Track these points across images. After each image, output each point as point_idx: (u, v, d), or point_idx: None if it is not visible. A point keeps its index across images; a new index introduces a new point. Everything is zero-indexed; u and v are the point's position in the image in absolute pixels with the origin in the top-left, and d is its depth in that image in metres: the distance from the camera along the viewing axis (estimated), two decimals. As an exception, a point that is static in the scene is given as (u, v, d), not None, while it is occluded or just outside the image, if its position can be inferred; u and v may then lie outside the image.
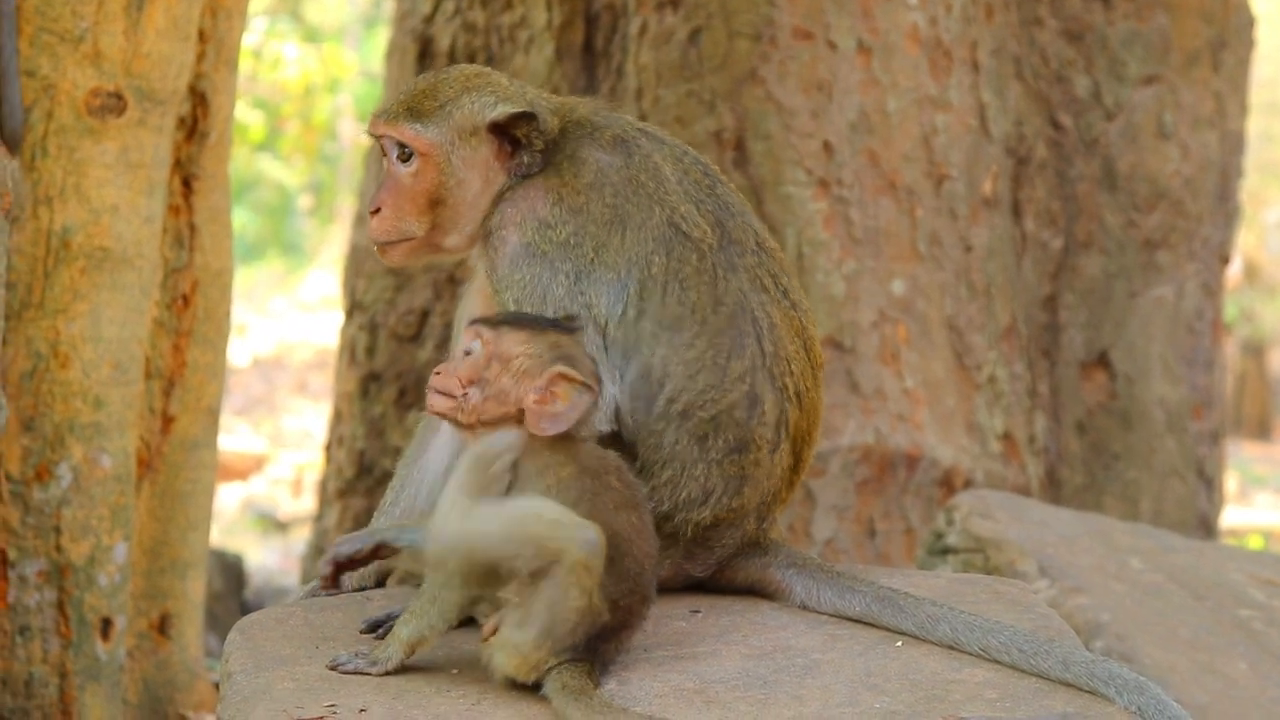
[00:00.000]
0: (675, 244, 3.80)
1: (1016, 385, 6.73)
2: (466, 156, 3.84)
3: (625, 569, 3.47)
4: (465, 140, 3.83)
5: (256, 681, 3.57)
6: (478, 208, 3.86)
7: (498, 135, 3.84)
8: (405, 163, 3.85)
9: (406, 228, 3.85)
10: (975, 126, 6.69)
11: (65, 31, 5.06)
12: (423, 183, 3.84)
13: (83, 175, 5.13)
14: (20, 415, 5.08)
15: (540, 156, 3.84)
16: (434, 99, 3.85)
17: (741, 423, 3.79)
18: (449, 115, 3.83)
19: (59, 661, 5.12)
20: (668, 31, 6.59)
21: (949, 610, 3.65)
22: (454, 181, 3.83)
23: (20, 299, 5.07)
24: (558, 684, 3.43)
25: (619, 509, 3.51)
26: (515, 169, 3.84)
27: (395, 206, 3.85)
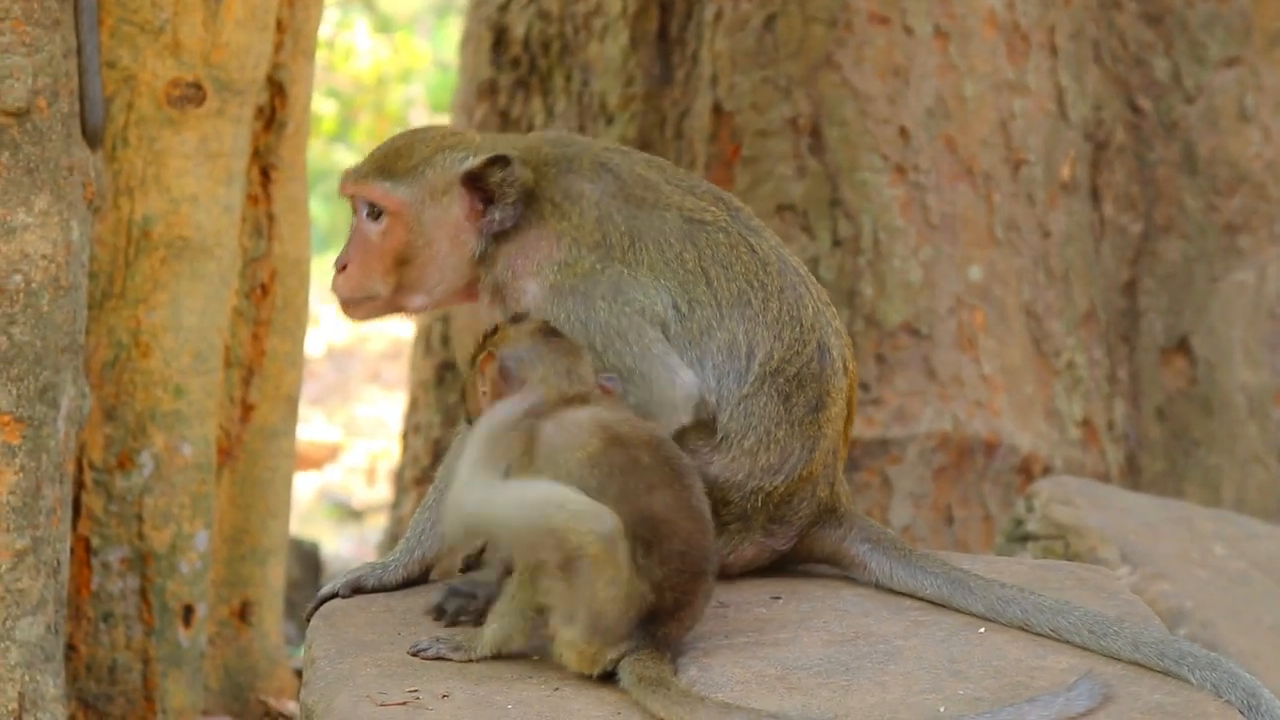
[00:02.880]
0: (698, 234, 3.80)
1: (1095, 371, 6.68)
2: (437, 216, 3.79)
3: (669, 550, 3.45)
4: (437, 199, 3.79)
5: (340, 667, 3.59)
6: (445, 269, 3.81)
7: (471, 190, 3.79)
8: (375, 221, 3.80)
9: (371, 286, 3.82)
10: (1053, 111, 6.65)
11: (145, 23, 5.09)
12: (391, 242, 3.79)
13: (163, 165, 5.16)
14: (102, 404, 5.12)
15: (514, 210, 3.78)
16: (407, 158, 3.81)
17: (818, 375, 3.81)
18: (421, 174, 3.79)
19: (142, 648, 5.16)
20: (743, 18, 6.57)
21: (1019, 592, 3.64)
22: (422, 241, 3.79)
23: (102, 289, 5.12)
24: (633, 675, 3.42)
25: (654, 488, 3.47)
26: (487, 227, 3.78)
27: (362, 264, 3.81)
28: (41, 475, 4.45)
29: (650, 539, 3.44)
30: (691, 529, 3.50)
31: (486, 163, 3.77)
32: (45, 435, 4.46)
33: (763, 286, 3.80)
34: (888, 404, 6.35)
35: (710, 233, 3.80)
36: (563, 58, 7.15)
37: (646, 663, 3.42)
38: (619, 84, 6.95)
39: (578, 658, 3.48)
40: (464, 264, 3.81)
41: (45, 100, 4.42)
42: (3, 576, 4.40)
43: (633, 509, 3.43)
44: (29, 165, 4.41)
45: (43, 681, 4.45)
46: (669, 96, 6.82)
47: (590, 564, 3.40)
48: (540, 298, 3.76)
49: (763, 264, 3.82)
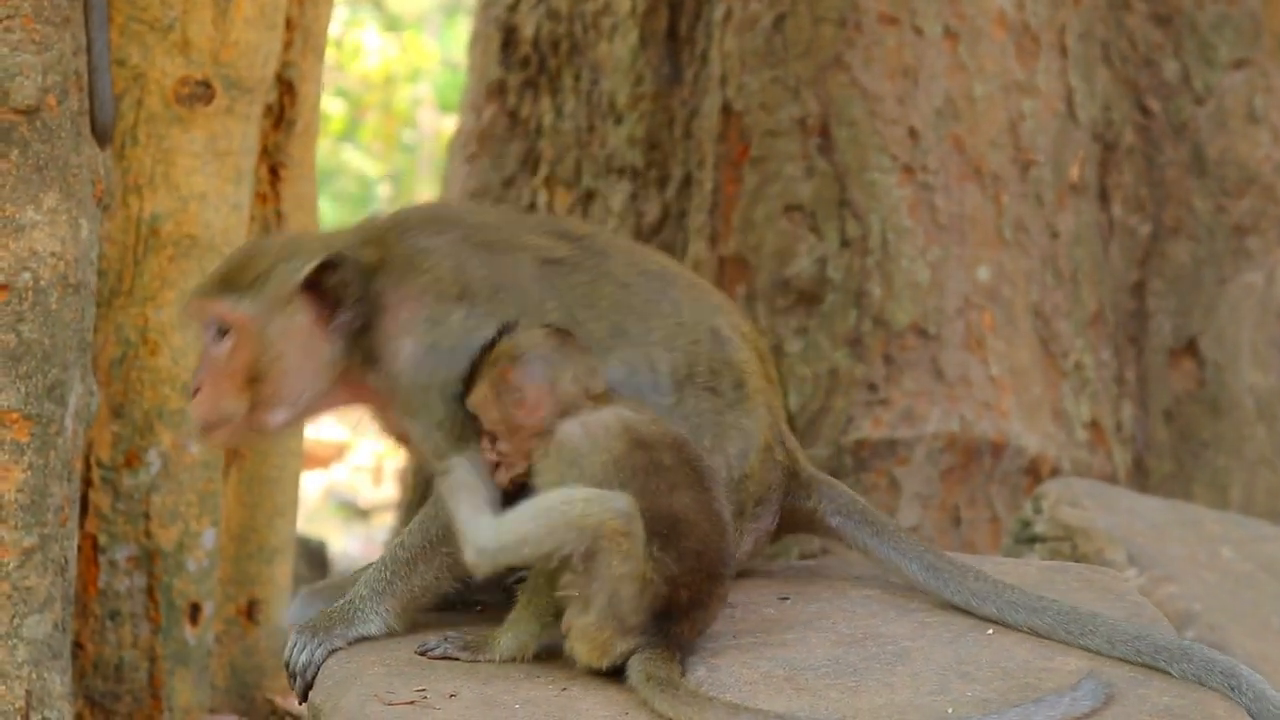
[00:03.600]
0: (556, 278, 3.76)
1: (1103, 372, 6.67)
2: (284, 327, 3.72)
3: (685, 548, 3.46)
4: (281, 311, 3.71)
5: (348, 667, 3.59)
6: (303, 380, 3.74)
7: (314, 296, 3.72)
8: (222, 340, 3.73)
9: (225, 408, 3.74)
10: (1062, 111, 6.64)
11: (155, 20, 5.09)
12: (240, 360, 3.71)
13: (171, 164, 5.16)
14: (110, 402, 5.13)
15: (360, 308, 3.71)
16: (248, 272, 3.74)
17: (728, 359, 3.80)
18: (263, 287, 3.72)
19: (149, 646, 5.17)
20: (752, 17, 6.57)
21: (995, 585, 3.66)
22: (272, 356, 3.72)
23: (110, 286, 5.12)
24: (641, 674, 3.42)
25: (675, 489, 3.49)
26: (337, 330, 3.72)
27: (213, 387, 3.73)
28: (49, 473, 4.45)
29: (668, 535, 3.46)
30: (710, 530, 3.51)
31: (320, 268, 3.69)
32: (53, 433, 4.46)
33: (634, 311, 3.77)
34: (895, 404, 6.34)
35: (566, 273, 3.76)
36: (572, 57, 7.15)
37: (656, 662, 3.43)
38: (628, 83, 6.95)
39: (589, 647, 3.47)
40: (323, 370, 3.74)
41: (55, 98, 4.42)
42: (10, 574, 4.40)
43: (653, 507, 3.45)
44: (38, 163, 4.41)
45: (50, 679, 4.45)
46: (678, 96, 6.82)
47: (608, 542, 3.41)
48: (414, 355, 3.69)
49: (625, 288, 3.79)
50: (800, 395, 6.40)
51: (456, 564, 3.61)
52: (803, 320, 6.44)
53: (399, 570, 3.67)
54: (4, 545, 4.39)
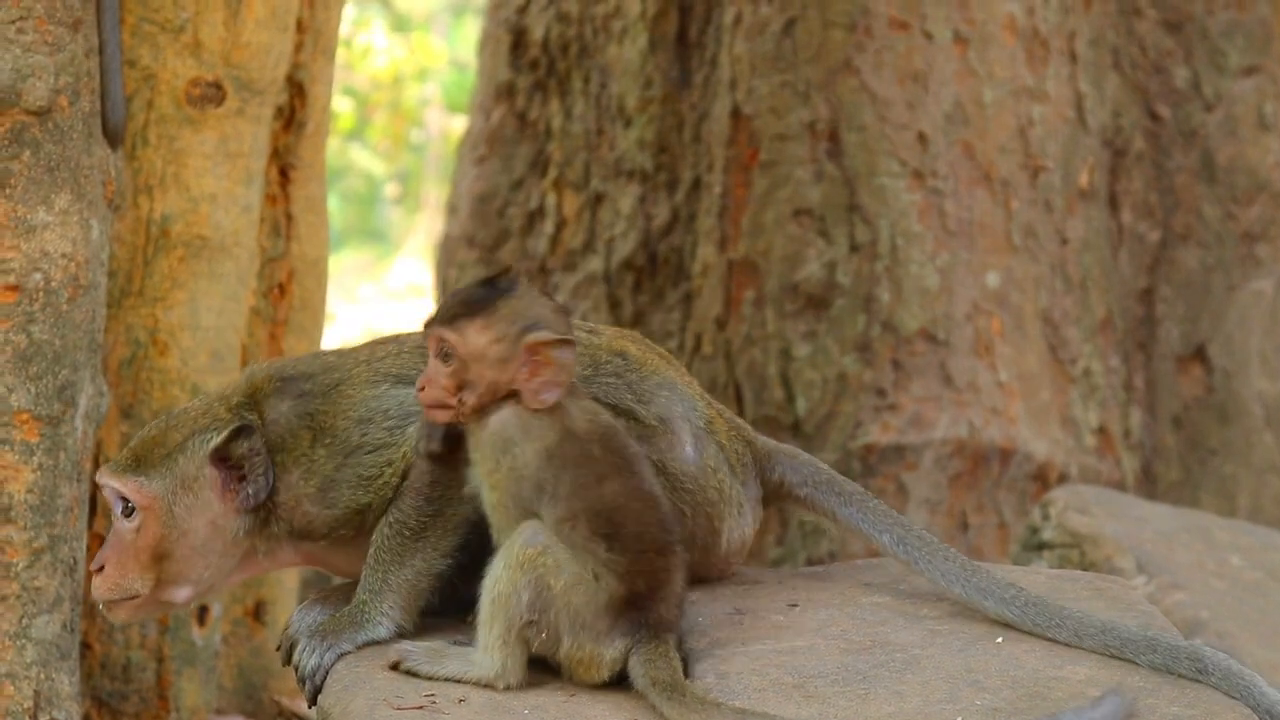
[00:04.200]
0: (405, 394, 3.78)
1: (1112, 379, 6.67)
2: (189, 504, 3.73)
3: (626, 536, 3.48)
4: (186, 488, 3.73)
5: (356, 670, 3.59)
6: (209, 556, 3.76)
7: (220, 468, 3.75)
8: (128, 517, 3.74)
9: (129, 585, 3.75)
10: (1072, 118, 6.64)
11: (166, 21, 5.09)
12: (145, 538, 3.73)
13: (182, 165, 5.16)
14: (119, 402, 5.13)
15: (265, 480, 3.73)
16: (161, 447, 3.76)
17: (599, 345, 3.84)
18: (173, 463, 3.74)
19: (156, 646, 5.16)
20: (762, 22, 6.56)
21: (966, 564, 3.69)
22: (177, 533, 3.73)
23: (120, 287, 5.12)
24: (646, 679, 3.43)
25: (603, 479, 3.52)
26: (244, 504, 3.75)
27: (118, 564, 3.74)
28: (59, 473, 4.45)
29: (608, 531, 3.48)
30: (642, 509, 3.52)
31: (229, 438, 3.72)
32: (63, 434, 4.46)
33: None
34: (904, 410, 6.34)
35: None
36: (581, 60, 7.15)
37: (657, 662, 3.43)
38: (637, 87, 6.94)
39: (580, 670, 3.49)
40: (229, 547, 3.77)
41: (67, 99, 4.42)
42: (20, 574, 4.41)
43: (586, 503, 3.48)
44: (50, 164, 4.41)
45: (58, 679, 4.46)
46: (687, 100, 6.82)
47: (534, 570, 3.45)
48: (314, 505, 3.74)
49: None
50: (808, 400, 6.40)
51: (440, 541, 3.66)
52: (811, 325, 6.44)
53: (390, 565, 3.68)
54: (13, 545, 4.39)
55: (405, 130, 16.49)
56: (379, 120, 16.35)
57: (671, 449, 3.77)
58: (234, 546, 3.78)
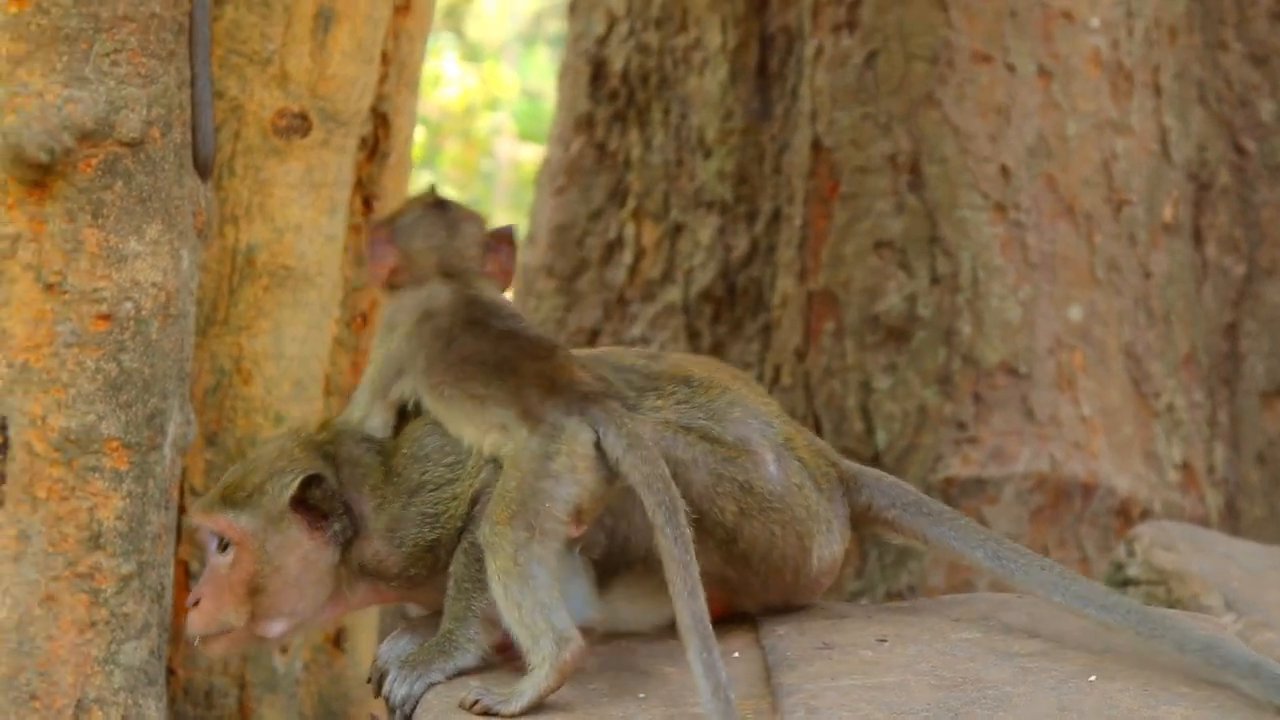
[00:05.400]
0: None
1: (1195, 414, 6.62)
2: (280, 542, 3.84)
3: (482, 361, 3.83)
4: (276, 525, 3.84)
5: (446, 700, 3.60)
6: (304, 590, 3.86)
7: (302, 511, 3.85)
8: (223, 553, 3.87)
9: (225, 620, 3.87)
10: (1156, 151, 6.60)
11: (254, 53, 5.13)
12: (240, 573, 3.85)
13: (267, 195, 5.20)
14: (204, 430, 5.16)
15: (348, 520, 3.84)
16: (245, 486, 3.89)
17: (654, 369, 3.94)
18: (259, 502, 3.86)
19: (238, 673, 5.19)
20: (844, 54, 6.56)
21: (1065, 572, 3.68)
22: (270, 569, 3.84)
23: (205, 316, 5.16)
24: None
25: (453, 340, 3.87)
26: (333, 540, 3.85)
27: (214, 599, 3.87)
28: (148, 501, 4.48)
29: (474, 372, 3.74)
30: (498, 338, 3.80)
31: (303, 486, 3.84)
32: (152, 461, 4.49)
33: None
34: (985, 443, 6.31)
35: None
36: (661, 91, 7.16)
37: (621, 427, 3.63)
38: (717, 118, 6.95)
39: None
40: (322, 580, 3.86)
41: (159, 130, 4.46)
42: (109, 600, 4.44)
43: (445, 366, 3.79)
44: (141, 194, 4.45)
45: (145, 705, 4.48)
46: (768, 132, 6.82)
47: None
48: (384, 544, 3.82)
49: None
50: (888, 433, 6.38)
51: None
52: (892, 357, 6.42)
53: (472, 592, 3.69)
54: (103, 572, 4.43)
55: (476, 159, 16.56)
56: (450, 149, 16.43)
57: (756, 468, 3.75)
58: (326, 579, 3.85)
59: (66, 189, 4.40)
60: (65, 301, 4.41)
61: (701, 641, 3.42)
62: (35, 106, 4.35)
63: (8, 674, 4.40)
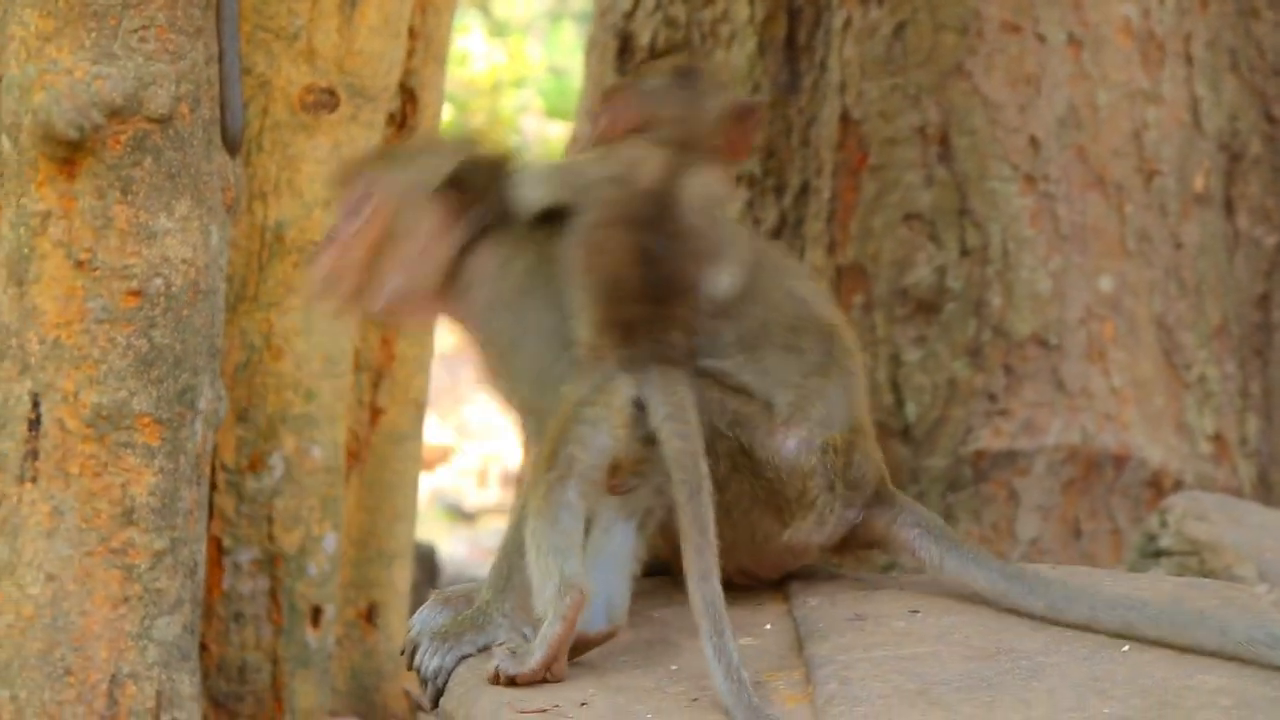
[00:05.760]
0: None
1: (1228, 385, 6.59)
2: (415, 212, 3.88)
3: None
4: (418, 195, 3.88)
5: (479, 674, 3.60)
6: (418, 266, 3.89)
7: (450, 193, 3.88)
8: (358, 212, 3.89)
9: (346, 274, 3.90)
10: (1188, 121, 6.57)
11: (281, 29, 5.14)
12: (369, 232, 3.88)
13: (295, 171, 5.21)
14: (235, 406, 5.18)
15: (486, 215, 3.87)
16: (395, 155, 3.99)
17: (813, 317, 3.86)
18: (406, 170, 3.91)
19: (271, 648, 5.21)
20: (872, 25, 6.54)
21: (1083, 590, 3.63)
22: (400, 234, 3.88)
23: (235, 292, 5.17)
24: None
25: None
26: (463, 229, 3.88)
27: (340, 253, 3.89)
28: (179, 477, 4.50)
29: (598, 271, 3.67)
30: (636, 240, 3.67)
31: (466, 167, 3.88)
32: (184, 437, 4.51)
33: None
34: (1015, 415, 6.30)
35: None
36: (689, 64, 7.14)
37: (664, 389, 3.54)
38: (745, 91, 6.93)
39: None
40: (436, 266, 3.90)
41: (188, 107, 4.47)
42: (142, 576, 4.46)
43: (587, 242, 3.72)
44: (170, 171, 4.47)
45: (179, 680, 4.51)
46: (796, 104, 6.80)
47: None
48: (484, 308, 3.85)
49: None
50: (919, 405, 6.37)
51: None
52: (921, 329, 6.40)
53: (513, 565, 3.69)
54: (136, 548, 4.45)
55: (503, 136, 16.58)
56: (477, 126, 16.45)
57: (769, 438, 3.75)
58: (440, 266, 3.89)
59: (96, 166, 4.41)
60: (96, 278, 4.43)
61: (713, 625, 3.42)
62: (64, 84, 4.37)
63: (42, 650, 4.42)
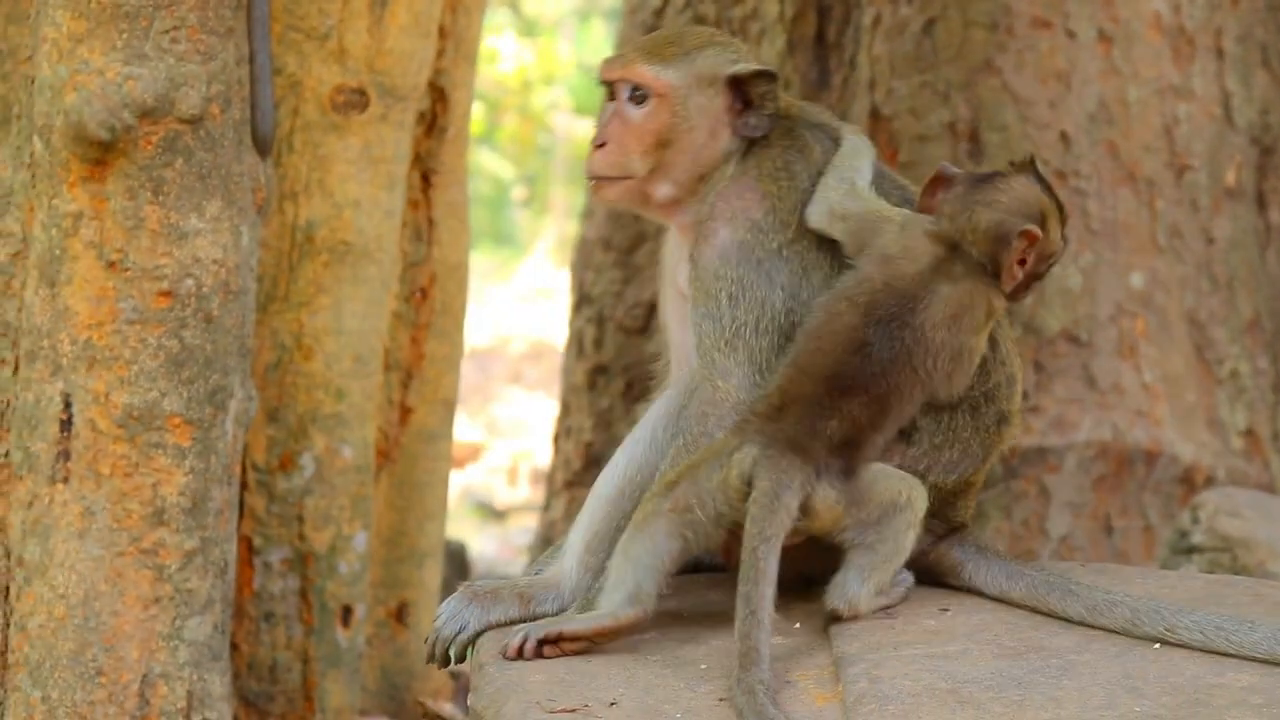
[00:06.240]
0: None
1: (1260, 380, 6.56)
2: (700, 104, 3.86)
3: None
4: (701, 89, 3.86)
5: (508, 674, 3.60)
6: (699, 159, 3.88)
7: (733, 91, 3.87)
8: (639, 104, 3.88)
9: (629, 165, 3.89)
10: (1219, 116, 6.54)
11: (311, 29, 5.15)
12: (653, 123, 3.87)
13: (326, 170, 5.22)
14: (265, 405, 5.19)
15: (767, 122, 3.87)
16: (677, 46, 3.91)
17: (1006, 398, 3.87)
18: (691, 61, 3.87)
19: (301, 648, 5.22)
20: (902, 22, 6.52)
21: (1124, 594, 3.63)
22: (684, 126, 3.86)
23: (266, 292, 5.18)
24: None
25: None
26: (741, 128, 3.87)
27: (621, 143, 3.89)
28: (210, 477, 4.51)
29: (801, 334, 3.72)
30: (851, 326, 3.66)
31: (757, 72, 3.87)
32: (214, 437, 4.52)
33: None
34: (1046, 412, 6.28)
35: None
36: (718, 62, 7.13)
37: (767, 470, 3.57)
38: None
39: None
40: (713, 160, 3.89)
41: (218, 107, 4.48)
42: (173, 576, 4.47)
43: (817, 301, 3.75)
44: (201, 171, 4.47)
45: (210, 680, 4.52)
46: (826, 101, 6.78)
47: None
48: (725, 245, 3.82)
49: None
50: (949, 402, 6.34)
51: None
52: (952, 326, 6.38)
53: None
54: (166, 548, 4.46)
55: (533, 134, 16.57)
56: (507, 124, 16.45)
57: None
58: (714, 163, 3.89)
59: (127, 166, 4.43)
60: (127, 279, 4.44)
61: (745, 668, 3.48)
62: (96, 84, 4.38)
63: (74, 650, 4.44)
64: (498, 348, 15.27)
